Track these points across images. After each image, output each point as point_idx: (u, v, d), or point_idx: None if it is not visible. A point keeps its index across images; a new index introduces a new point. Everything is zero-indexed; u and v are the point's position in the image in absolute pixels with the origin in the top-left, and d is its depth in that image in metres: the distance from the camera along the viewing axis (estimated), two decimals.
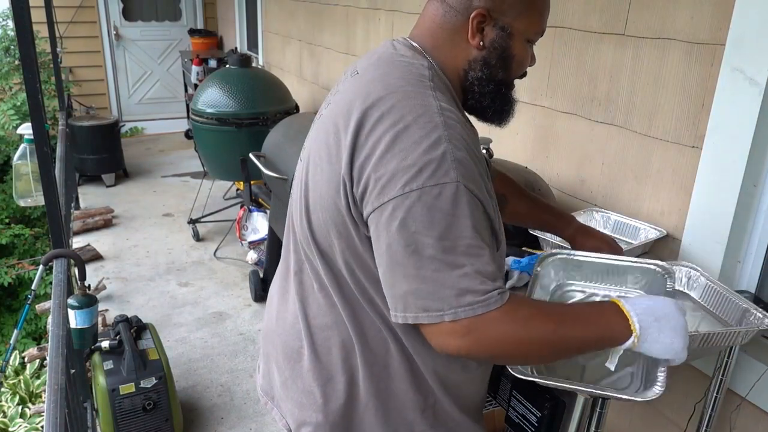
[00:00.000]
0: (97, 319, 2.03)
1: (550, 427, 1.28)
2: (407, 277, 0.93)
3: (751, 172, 1.58)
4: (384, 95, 0.99)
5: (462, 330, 0.92)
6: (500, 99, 1.10)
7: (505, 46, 1.05)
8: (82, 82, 6.62)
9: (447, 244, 0.91)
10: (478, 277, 0.91)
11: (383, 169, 0.93)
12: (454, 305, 0.91)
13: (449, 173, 0.91)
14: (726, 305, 1.49)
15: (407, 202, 0.91)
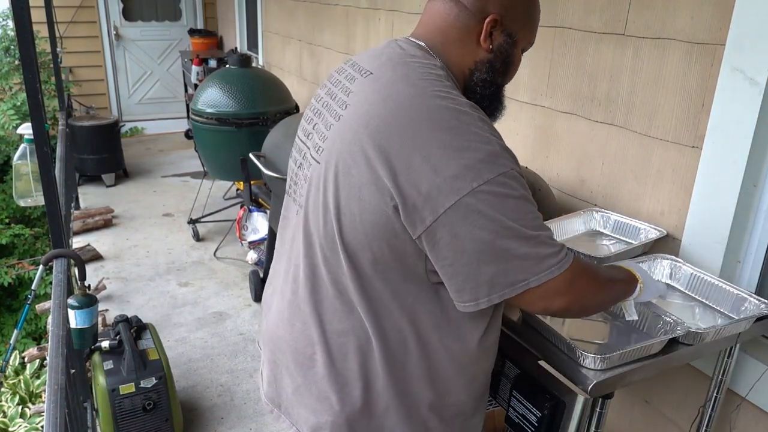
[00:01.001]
0: (97, 319, 2.03)
1: (550, 427, 1.28)
2: (492, 262, 1.00)
3: (751, 172, 1.58)
4: (407, 97, 1.02)
5: (560, 288, 1.03)
6: (497, 101, 1.17)
7: (509, 51, 1.13)
8: (82, 82, 6.62)
9: (521, 223, 1.00)
10: (549, 241, 1.02)
11: (445, 172, 0.97)
12: (537, 272, 1.01)
13: (505, 162, 0.99)
14: (716, 293, 1.50)
15: (480, 196, 0.97)
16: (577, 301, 1.08)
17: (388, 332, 1.10)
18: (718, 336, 1.36)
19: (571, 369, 1.24)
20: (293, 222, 1.20)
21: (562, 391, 1.27)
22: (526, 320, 1.38)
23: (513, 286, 1.01)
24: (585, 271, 1.09)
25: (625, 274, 1.26)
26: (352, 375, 1.12)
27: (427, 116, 0.99)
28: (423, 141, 0.98)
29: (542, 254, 1.01)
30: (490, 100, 1.15)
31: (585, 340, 1.34)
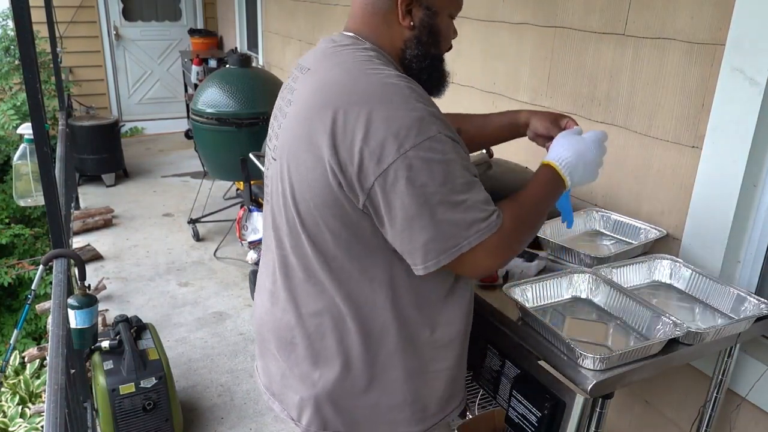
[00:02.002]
0: (97, 319, 2.03)
1: (550, 427, 1.28)
2: (424, 228, 1.04)
3: (751, 172, 1.58)
4: (343, 79, 1.10)
5: (493, 250, 1.07)
6: (436, 72, 1.21)
7: (431, 23, 1.17)
8: (82, 82, 6.62)
9: (449, 187, 1.03)
10: (478, 206, 1.05)
11: (374, 141, 1.02)
12: (466, 236, 1.04)
13: (431, 127, 1.03)
14: (716, 293, 1.50)
15: (406, 162, 1.01)
16: (514, 253, 1.16)
17: (362, 307, 1.15)
18: (718, 336, 1.36)
19: (571, 369, 1.25)
20: (268, 219, 1.27)
21: (562, 391, 1.27)
22: (526, 320, 1.39)
23: (447, 252, 1.06)
24: (515, 225, 1.11)
25: (543, 175, 1.22)
26: (331, 352, 1.19)
27: (359, 92, 1.06)
28: (355, 116, 1.03)
29: (470, 219, 1.04)
30: (429, 73, 1.19)
31: (585, 340, 1.34)
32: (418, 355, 1.20)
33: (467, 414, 1.69)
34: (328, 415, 1.22)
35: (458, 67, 2.71)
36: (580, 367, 1.23)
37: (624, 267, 1.58)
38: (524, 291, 1.45)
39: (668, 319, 1.31)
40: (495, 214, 1.07)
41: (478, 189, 1.07)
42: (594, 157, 1.24)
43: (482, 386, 1.50)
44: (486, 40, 2.51)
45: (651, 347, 1.27)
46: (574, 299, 1.50)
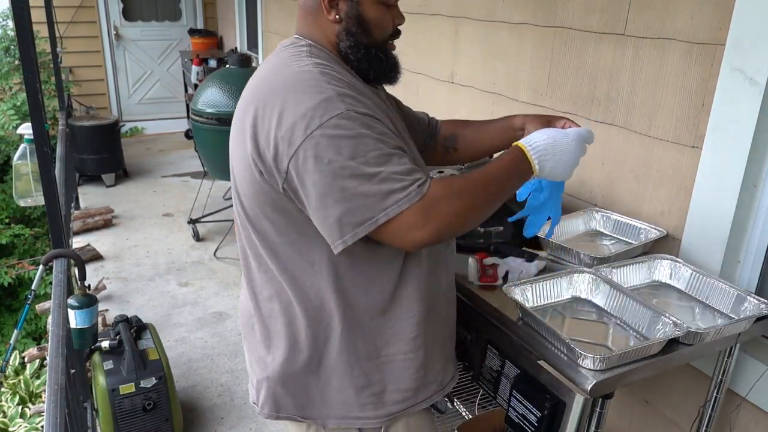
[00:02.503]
0: (97, 319, 2.03)
1: (550, 427, 1.28)
2: (337, 203, 1.05)
3: (751, 172, 1.58)
4: (268, 75, 1.16)
5: (417, 221, 1.05)
6: (375, 61, 1.21)
7: (357, 13, 1.18)
8: (82, 82, 6.62)
9: (359, 160, 1.04)
10: (394, 176, 1.04)
11: (285, 126, 1.06)
12: (383, 207, 1.04)
13: (338, 105, 1.05)
14: (716, 293, 1.50)
15: (313, 141, 1.04)
16: (446, 226, 1.09)
17: (306, 290, 1.19)
18: (718, 336, 1.36)
19: (571, 369, 1.24)
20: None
21: (562, 391, 1.26)
22: (526, 320, 1.39)
23: (362, 225, 1.06)
24: (444, 195, 1.07)
25: (507, 154, 1.19)
26: (280, 336, 1.24)
27: (277, 85, 1.12)
28: (271, 106, 1.09)
29: (385, 190, 1.04)
30: (368, 62, 1.20)
31: (585, 340, 1.34)
32: (366, 338, 1.21)
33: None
34: (279, 396, 1.27)
35: (458, 67, 2.71)
36: (580, 367, 1.23)
37: (624, 267, 1.58)
38: (524, 291, 1.45)
39: (668, 319, 1.31)
40: (416, 183, 1.05)
41: (396, 161, 1.06)
42: (571, 150, 1.20)
43: (482, 386, 1.50)
44: (486, 40, 2.51)
45: (651, 347, 1.27)
46: (574, 299, 1.50)
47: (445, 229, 1.10)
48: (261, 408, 1.31)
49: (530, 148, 1.17)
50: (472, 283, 1.56)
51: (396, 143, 1.10)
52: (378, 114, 1.11)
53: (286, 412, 1.28)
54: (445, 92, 2.82)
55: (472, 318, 1.54)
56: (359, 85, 1.18)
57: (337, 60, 1.20)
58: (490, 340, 1.47)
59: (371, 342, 1.22)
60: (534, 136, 1.20)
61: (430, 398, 1.31)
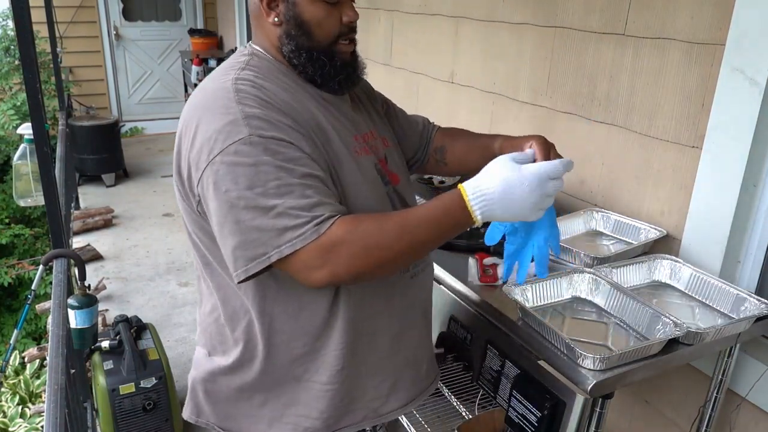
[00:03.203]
0: (97, 319, 2.03)
1: (550, 427, 1.28)
2: (231, 234, 1.01)
3: (751, 172, 1.58)
4: (192, 99, 1.11)
5: (313, 262, 0.99)
6: (319, 64, 1.13)
7: (295, 14, 1.11)
8: (82, 82, 6.62)
9: (257, 191, 0.98)
10: (291, 212, 0.98)
11: (195, 148, 1.03)
12: (276, 245, 0.98)
13: (242, 131, 0.99)
14: (716, 293, 1.50)
15: (214, 168, 1.00)
16: (345, 270, 1.00)
17: (237, 311, 1.18)
18: (718, 336, 1.36)
19: (571, 369, 1.25)
20: None
21: (562, 391, 1.27)
22: (526, 320, 1.39)
23: (254, 261, 1.00)
24: (345, 237, 0.98)
25: (443, 200, 1.04)
26: (210, 346, 1.26)
27: (198, 102, 1.08)
28: (189, 125, 1.06)
29: (280, 226, 0.98)
30: (313, 66, 1.13)
31: (585, 340, 1.34)
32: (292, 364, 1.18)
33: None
34: (201, 402, 1.27)
35: (458, 67, 2.71)
36: (580, 367, 1.23)
37: (624, 267, 1.58)
38: (524, 291, 1.45)
39: (668, 319, 1.31)
40: (315, 221, 0.98)
41: (299, 193, 0.98)
42: (526, 196, 1.00)
43: (482, 386, 1.50)
44: (486, 40, 2.51)
45: (651, 347, 1.27)
46: (574, 299, 1.50)
47: (344, 274, 1.01)
48: (184, 408, 1.31)
49: (472, 196, 1.00)
50: (472, 283, 1.56)
51: (305, 171, 1.01)
52: (292, 136, 1.02)
53: (206, 418, 1.27)
54: (445, 92, 2.82)
55: (472, 318, 1.54)
56: (305, 95, 1.12)
57: (283, 68, 1.14)
58: (490, 340, 1.47)
59: (296, 367, 1.18)
60: (482, 180, 1.01)
61: (356, 424, 1.25)
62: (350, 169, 1.12)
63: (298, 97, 1.11)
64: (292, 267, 1.01)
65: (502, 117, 2.47)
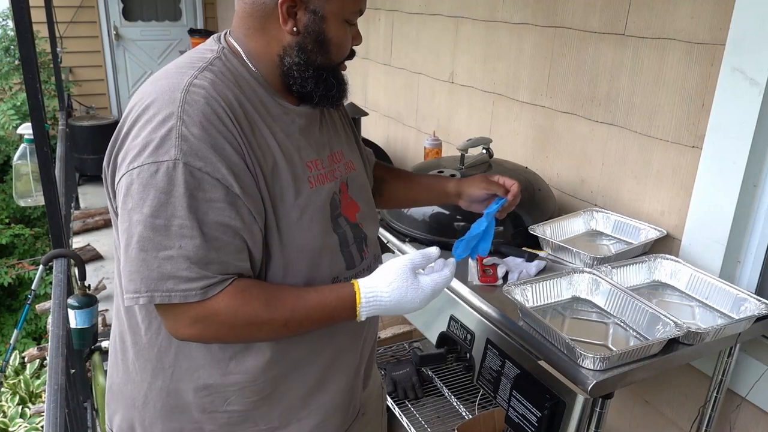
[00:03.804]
0: (97, 319, 2.03)
1: (550, 427, 1.28)
2: (122, 255, 0.94)
3: (751, 172, 1.58)
4: (149, 82, 1.02)
5: (184, 319, 0.94)
6: (323, 83, 1.07)
7: (318, 30, 1.03)
8: (82, 82, 6.62)
9: (159, 222, 0.91)
10: (184, 261, 0.91)
11: (123, 149, 0.96)
12: (152, 288, 0.92)
13: (170, 151, 0.91)
14: (716, 293, 1.50)
15: (129, 180, 0.92)
16: (213, 339, 1.00)
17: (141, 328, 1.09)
18: (718, 336, 1.36)
19: (571, 369, 1.25)
20: None
21: (562, 391, 1.27)
22: (526, 320, 1.39)
23: (129, 293, 0.94)
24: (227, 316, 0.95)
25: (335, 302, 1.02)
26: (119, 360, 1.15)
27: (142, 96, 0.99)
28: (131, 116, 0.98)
29: (166, 271, 0.91)
30: (315, 83, 1.06)
31: (585, 340, 1.34)
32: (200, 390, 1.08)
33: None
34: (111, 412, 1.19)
35: (458, 67, 2.71)
36: (580, 367, 1.23)
37: (624, 267, 1.58)
38: (524, 291, 1.45)
39: (668, 319, 1.32)
40: (203, 282, 0.92)
41: (200, 243, 0.91)
42: (416, 305, 1.04)
43: (482, 386, 1.50)
44: (486, 40, 2.51)
45: (651, 347, 1.27)
46: (574, 299, 1.50)
47: (212, 339, 1.00)
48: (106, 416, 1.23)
49: (365, 300, 1.02)
50: (472, 283, 1.56)
51: (218, 220, 0.93)
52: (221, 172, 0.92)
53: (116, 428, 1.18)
54: (445, 92, 2.82)
55: (472, 318, 1.54)
56: (263, 112, 1.03)
57: (252, 78, 1.04)
58: (490, 340, 1.47)
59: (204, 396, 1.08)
60: (379, 287, 1.02)
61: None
62: (294, 204, 1.04)
63: (256, 115, 1.02)
64: (163, 312, 0.97)
65: (502, 117, 2.47)
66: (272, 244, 1.01)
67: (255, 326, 0.99)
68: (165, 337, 1.06)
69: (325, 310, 1.02)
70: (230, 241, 0.95)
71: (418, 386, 2.16)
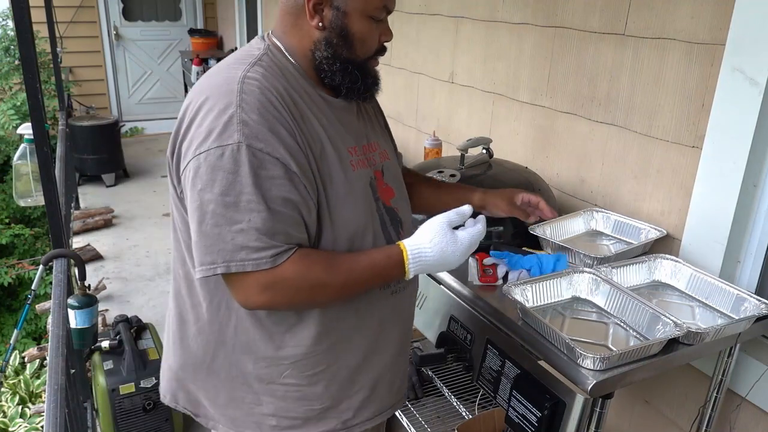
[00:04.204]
0: (97, 319, 2.03)
1: (550, 427, 1.28)
2: (195, 232, 1.03)
3: (751, 172, 1.58)
4: (203, 80, 1.12)
5: (255, 287, 1.03)
6: (350, 76, 1.14)
7: (342, 25, 1.10)
8: (82, 82, 6.62)
9: (228, 200, 1.00)
10: (254, 233, 1.00)
11: (188, 138, 1.05)
12: (228, 259, 1.01)
13: (233, 135, 1.00)
14: (716, 293, 1.50)
15: (197, 164, 1.02)
16: (283, 305, 1.09)
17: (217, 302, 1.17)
18: (718, 336, 1.36)
19: (571, 369, 1.25)
20: None
21: (562, 391, 1.27)
22: (526, 320, 1.39)
23: (202, 266, 1.03)
24: (295, 279, 1.04)
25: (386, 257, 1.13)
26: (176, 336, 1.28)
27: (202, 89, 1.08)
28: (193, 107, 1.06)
29: (239, 242, 1.00)
30: (342, 76, 1.13)
31: (585, 340, 1.34)
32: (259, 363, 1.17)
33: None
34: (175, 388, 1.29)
35: (458, 67, 2.71)
36: (580, 367, 1.23)
37: (624, 267, 1.58)
38: (524, 291, 1.45)
39: (668, 319, 1.31)
40: (273, 250, 1.01)
41: (266, 216, 1.00)
42: (457, 258, 1.14)
43: (482, 386, 1.50)
44: (486, 40, 2.51)
45: (651, 347, 1.27)
46: (574, 299, 1.50)
47: (282, 305, 1.10)
48: (163, 395, 1.33)
49: (412, 258, 1.12)
50: (472, 283, 1.56)
51: (280, 194, 1.02)
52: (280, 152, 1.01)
53: (183, 404, 1.30)
54: (445, 92, 2.82)
55: (472, 318, 1.54)
56: (307, 101, 1.11)
57: (296, 72, 1.13)
58: (490, 340, 1.47)
59: (261, 368, 1.17)
60: (423, 245, 1.12)
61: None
62: (340, 184, 1.12)
63: (303, 104, 1.10)
64: (234, 284, 1.05)
65: (502, 117, 2.47)
66: (323, 220, 1.10)
67: (318, 288, 1.08)
68: (225, 313, 1.15)
69: (376, 269, 1.12)
70: (291, 214, 1.04)
71: (418, 386, 2.16)
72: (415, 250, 1.12)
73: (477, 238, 1.16)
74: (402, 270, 1.12)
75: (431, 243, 1.12)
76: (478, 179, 1.89)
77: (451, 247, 1.13)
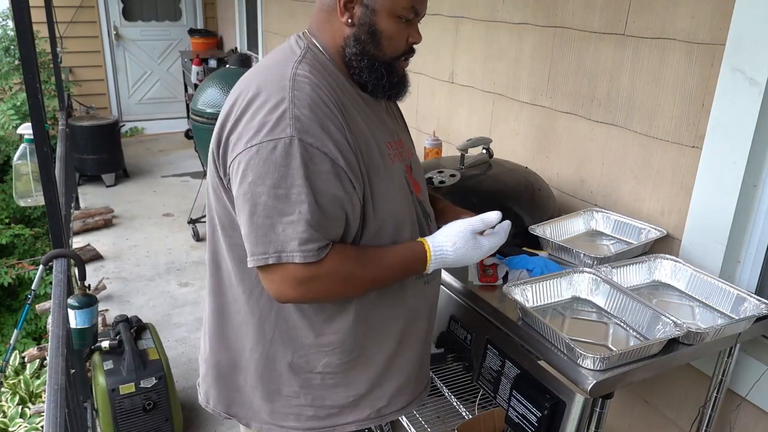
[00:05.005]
0: (97, 319, 2.03)
1: (550, 427, 1.28)
2: (245, 223, 1.06)
3: (751, 172, 1.58)
4: (250, 76, 1.14)
5: (293, 280, 1.06)
6: (375, 73, 1.17)
7: (370, 22, 1.13)
8: (82, 82, 6.61)
9: (280, 192, 1.02)
10: (304, 225, 1.03)
11: (237, 130, 1.07)
12: (279, 249, 1.04)
13: (285, 129, 1.02)
14: (716, 293, 1.50)
15: (248, 156, 1.04)
16: (316, 298, 1.13)
17: (254, 297, 1.19)
18: (718, 336, 1.36)
19: (571, 369, 1.25)
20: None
21: (562, 391, 1.27)
22: (526, 320, 1.39)
23: (254, 256, 1.06)
24: (332, 273, 1.08)
25: (410, 256, 1.18)
26: (214, 332, 1.28)
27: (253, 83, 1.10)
28: (237, 106, 1.09)
29: (289, 233, 1.03)
30: (369, 73, 1.16)
31: (585, 340, 1.34)
32: (296, 353, 1.20)
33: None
34: (208, 386, 1.30)
35: (458, 67, 2.71)
36: (580, 367, 1.23)
37: (624, 267, 1.58)
38: (524, 291, 1.45)
39: (668, 319, 1.31)
40: (318, 244, 1.04)
41: (313, 210, 1.03)
42: (474, 259, 1.21)
43: (482, 386, 1.50)
44: (486, 40, 2.51)
45: (651, 347, 1.27)
46: (574, 299, 1.50)
47: (314, 300, 1.13)
48: (199, 393, 1.34)
49: (434, 255, 1.18)
50: (472, 283, 1.56)
51: (327, 189, 1.05)
52: (329, 147, 1.05)
53: (213, 404, 1.31)
54: (445, 92, 2.82)
55: (472, 318, 1.54)
56: (348, 97, 1.14)
57: (335, 68, 1.16)
58: (490, 340, 1.47)
59: (300, 357, 1.20)
60: (445, 244, 1.18)
61: (361, 421, 1.26)
62: (383, 177, 1.16)
63: (347, 100, 1.14)
64: (271, 276, 1.07)
65: (502, 117, 2.47)
66: (368, 213, 1.13)
67: (350, 282, 1.12)
68: (266, 304, 1.17)
69: (402, 264, 1.17)
70: (334, 210, 1.07)
71: None
72: (438, 252, 1.18)
73: (497, 244, 1.22)
74: (424, 265, 1.18)
75: (454, 247, 1.18)
76: (478, 179, 1.89)
77: (471, 252, 1.19)
